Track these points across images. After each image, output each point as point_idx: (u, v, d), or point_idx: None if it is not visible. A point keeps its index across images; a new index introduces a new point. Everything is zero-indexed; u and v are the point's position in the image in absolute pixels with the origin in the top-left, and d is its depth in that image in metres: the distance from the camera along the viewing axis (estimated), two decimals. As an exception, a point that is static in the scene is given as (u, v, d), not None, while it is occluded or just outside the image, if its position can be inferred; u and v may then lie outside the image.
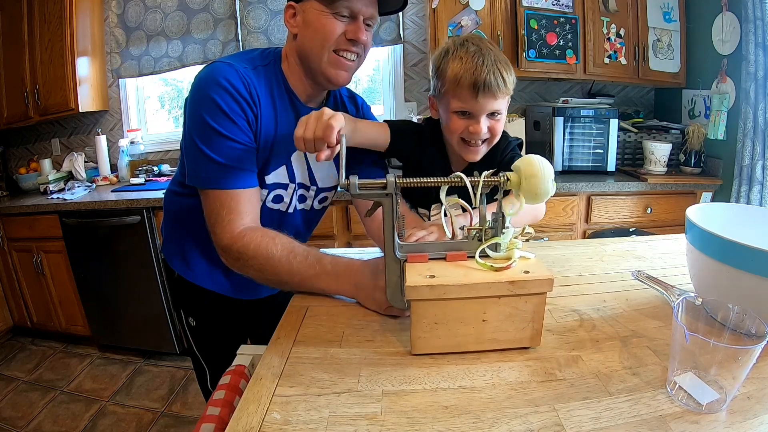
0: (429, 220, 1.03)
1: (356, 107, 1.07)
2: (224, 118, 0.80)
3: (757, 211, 0.84)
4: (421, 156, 1.01)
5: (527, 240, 0.70)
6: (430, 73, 0.99)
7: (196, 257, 1.01)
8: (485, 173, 0.68)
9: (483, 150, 0.95)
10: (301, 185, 0.98)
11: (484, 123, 0.91)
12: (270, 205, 0.96)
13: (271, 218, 0.96)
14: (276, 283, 0.83)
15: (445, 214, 0.76)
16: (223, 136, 0.81)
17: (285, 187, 0.95)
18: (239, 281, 1.02)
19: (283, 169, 0.93)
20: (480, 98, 0.88)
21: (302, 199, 1.01)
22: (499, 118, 0.93)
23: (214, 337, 1.07)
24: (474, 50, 0.89)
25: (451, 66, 0.90)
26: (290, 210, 0.99)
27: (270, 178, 0.92)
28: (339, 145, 0.74)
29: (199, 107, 0.81)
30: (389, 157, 1.03)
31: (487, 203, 0.70)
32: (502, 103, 0.91)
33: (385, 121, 1.01)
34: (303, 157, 0.97)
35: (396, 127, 0.99)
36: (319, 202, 1.06)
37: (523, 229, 0.71)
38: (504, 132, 0.99)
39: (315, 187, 1.01)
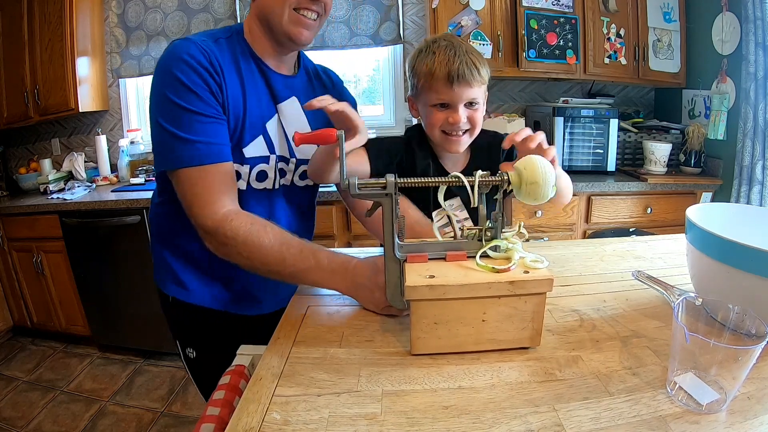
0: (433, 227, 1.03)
1: (332, 83, 1.05)
2: (187, 92, 0.78)
3: (757, 211, 0.84)
4: (413, 166, 1.02)
5: (527, 240, 0.70)
6: (407, 74, 1.02)
7: (189, 273, 0.96)
8: (481, 173, 0.68)
9: (465, 140, 0.96)
10: (281, 158, 0.94)
11: (463, 112, 0.94)
12: (255, 185, 0.91)
13: (258, 200, 0.91)
14: (264, 272, 0.81)
15: (449, 218, 0.76)
16: (188, 111, 0.78)
17: (267, 160, 0.91)
18: (240, 291, 0.98)
19: (260, 140, 0.90)
20: (455, 87, 0.91)
21: (282, 173, 0.96)
22: (477, 107, 0.96)
23: (216, 369, 0.94)
24: (445, 45, 0.93)
25: (425, 61, 0.94)
26: (276, 186, 0.95)
27: (249, 151, 0.88)
28: (338, 143, 0.73)
29: (161, 86, 0.79)
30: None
31: (486, 203, 0.70)
32: (478, 92, 0.94)
33: (363, 146, 1.01)
34: (279, 127, 0.93)
35: (373, 146, 0.99)
36: (300, 177, 1.00)
37: (519, 226, 0.71)
38: (494, 132, 1.02)
39: (294, 159, 0.97)
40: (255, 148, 0.89)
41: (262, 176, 0.91)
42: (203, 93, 0.79)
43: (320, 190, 1.12)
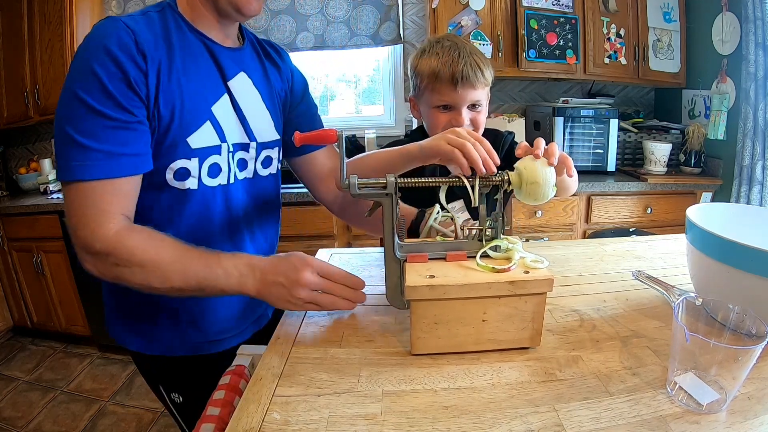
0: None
1: (281, 58, 0.95)
2: (98, 87, 0.66)
3: (757, 211, 0.84)
4: (421, 169, 1.02)
5: (527, 240, 0.70)
6: (409, 74, 1.01)
7: (147, 320, 0.84)
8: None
9: None
10: (240, 146, 0.83)
11: (466, 114, 0.93)
12: (208, 181, 0.79)
13: (213, 201, 0.81)
14: (164, 291, 0.71)
15: (452, 219, 0.76)
16: (94, 112, 0.66)
17: (218, 150, 0.79)
18: (209, 328, 0.86)
19: (208, 127, 0.77)
20: (459, 89, 0.91)
21: (243, 165, 0.85)
22: (480, 109, 0.95)
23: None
24: (449, 45, 0.92)
25: (428, 62, 0.93)
26: (231, 180, 0.83)
27: (196, 141, 0.76)
28: (339, 142, 0.72)
29: (70, 78, 0.68)
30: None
31: (487, 203, 0.70)
32: (481, 94, 0.94)
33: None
34: (232, 109, 0.82)
35: None
36: (263, 165, 0.90)
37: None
38: (495, 129, 1.01)
39: (255, 143, 0.86)
40: (202, 137, 0.77)
41: (215, 170, 0.80)
42: (118, 88, 0.67)
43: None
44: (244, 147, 0.85)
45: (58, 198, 2.32)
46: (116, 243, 0.68)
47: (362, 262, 1.00)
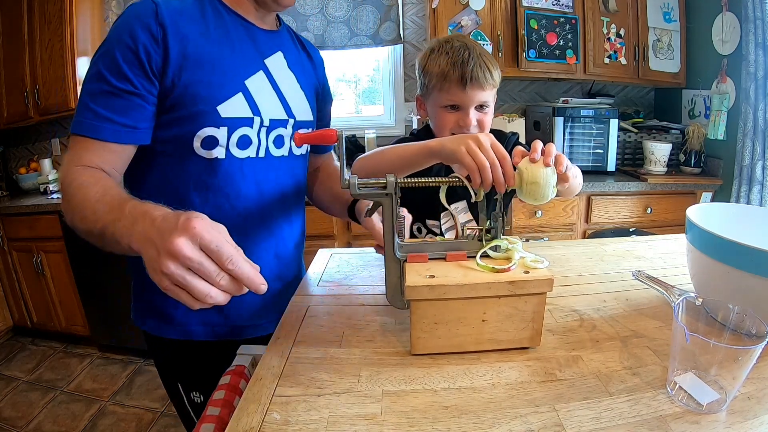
0: (441, 229, 1.02)
1: (316, 56, 1.00)
2: (109, 56, 0.70)
3: (757, 211, 0.84)
4: (429, 167, 1.02)
5: (527, 240, 0.70)
6: (417, 73, 1.01)
7: (168, 300, 0.74)
8: None
9: None
10: (279, 122, 0.85)
11: (473, 115, 0.93)
12: (237, 153, 0.80)
13: (243, 174, 0.81)
14: (83, 233, 0.66)
15: (453, 220, 0.76)
16: (101, 78, 0.70)
17: (249, 122, 0.80)
18: (230, 311, 0.83)
19: (239, 99, 0.79)
20: (468, 90, 0.91)
21: (280, 142, 0.86)
22: (487, 111, 0.95)
23: None
24: (459, 45, 0.93)
25: (437, 62, 0.93)
26: (260, 153, 0.83)
27: (225, 110, 0.77)
28: (339, 142, 0.72)
29: (101, 45, 0.73)
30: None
31: (487, 203, 0.70)
32: (489, 96, 0.94)
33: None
34: (268, 85, 0.83)
35: None
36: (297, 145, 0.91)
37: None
38: (499, 130, 1.01)
39: (293, 120, 0.88)
40: (233, 107, 0.78)
41: (245, 142, 0.80)
42: (125, 56, 0.69)
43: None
44: (283, 123, 0.86)
45: (57, 198, 2.32)
46: (66, 176, 0.70)
47: (362, 262, 1.00)
